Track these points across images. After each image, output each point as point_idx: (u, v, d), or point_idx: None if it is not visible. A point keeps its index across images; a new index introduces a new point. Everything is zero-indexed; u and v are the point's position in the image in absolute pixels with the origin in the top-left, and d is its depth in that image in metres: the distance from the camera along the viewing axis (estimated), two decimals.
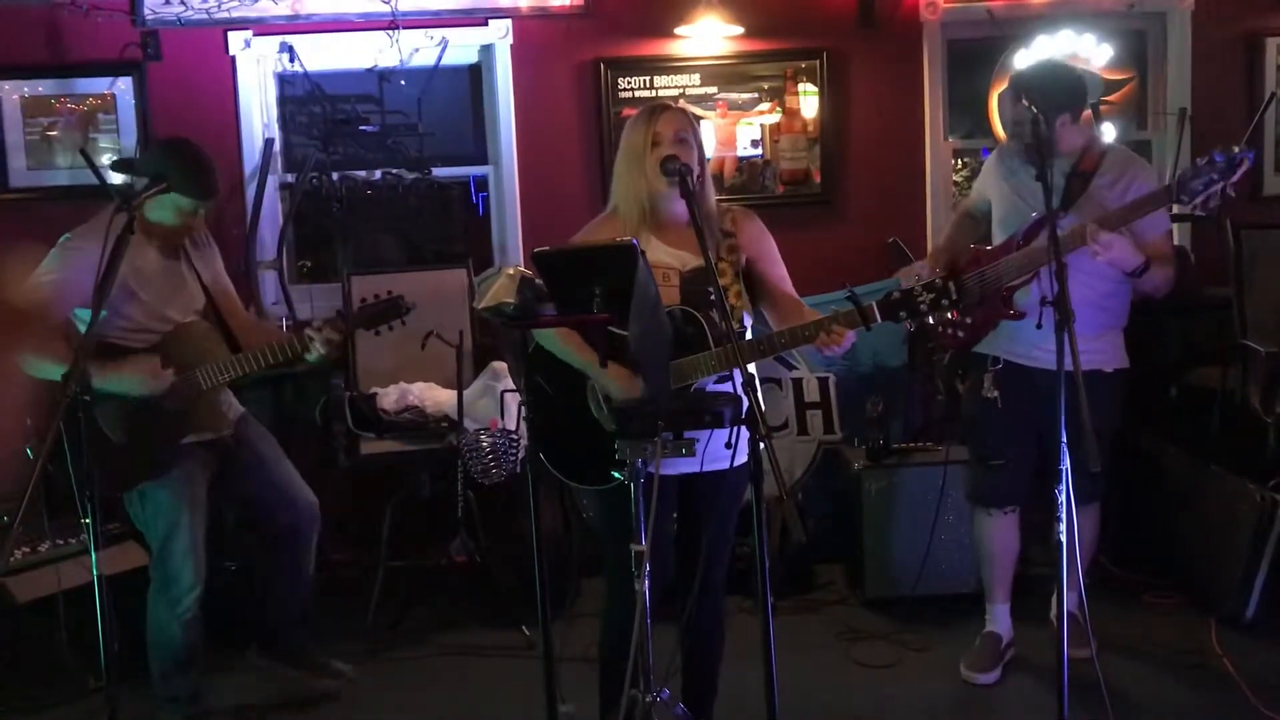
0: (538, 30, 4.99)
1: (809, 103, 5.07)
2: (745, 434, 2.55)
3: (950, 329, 3.71)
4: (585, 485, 2.95)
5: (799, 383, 4.62)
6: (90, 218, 3.28)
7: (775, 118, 5.08)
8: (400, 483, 4.50)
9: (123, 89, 4.90)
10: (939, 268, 3.60)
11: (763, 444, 2.46)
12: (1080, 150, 3.58)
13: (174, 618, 3.38)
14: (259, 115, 4.97)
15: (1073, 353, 2.78)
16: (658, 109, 2.92)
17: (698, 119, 3.47)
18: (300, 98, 4.95)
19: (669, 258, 2.90)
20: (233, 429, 3.54)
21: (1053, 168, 3.09)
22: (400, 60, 4.87)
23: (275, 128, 5.03)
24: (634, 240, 2.40)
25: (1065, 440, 2.85)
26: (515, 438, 4.19)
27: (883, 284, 4.09)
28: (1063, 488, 2.86)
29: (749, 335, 2.92)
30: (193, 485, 3.40)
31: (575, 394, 2.91)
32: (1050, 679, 3.19)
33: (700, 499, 2.93)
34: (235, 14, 4.84)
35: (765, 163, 5.11)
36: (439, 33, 4.92)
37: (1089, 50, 5.02)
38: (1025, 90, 3.41)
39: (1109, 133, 5.00)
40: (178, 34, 4.83)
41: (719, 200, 3.09)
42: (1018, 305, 3.56)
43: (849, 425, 4.62)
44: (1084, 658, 3.19)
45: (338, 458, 4.46)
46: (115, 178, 3.91)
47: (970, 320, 3.67)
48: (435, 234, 5.17)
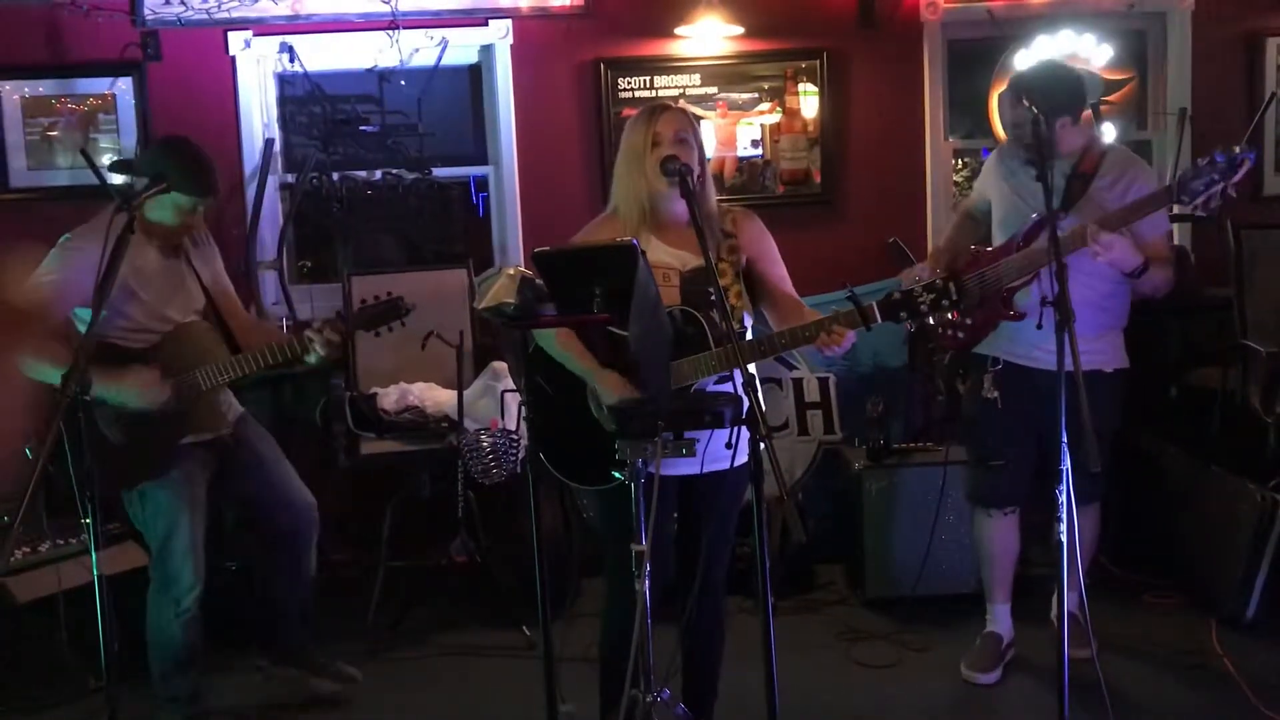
0: (538, 30, 4.99)
1: (809, 103, 5.07)
2: (745, 434, 2.55)
3: (950, 330, 3.71)
4: (585, 485, 2.95)
5: (799, 383, 4.62)
6: (90, 218, 3.27)
7: (775, 118, 5.08)
8: (400, 483, 4.50)
9: (123, 89, 4.90)
10: (939, 268, 3.60)
11: (763, 444, 2.46)
12: (1080, 151, 3.58)
13: (174, 618, 3.38)
14: (259, 115, 4.97)
15: (1073, 353, 2.78)
16: (658, 109, 2.92)
17: (698, 119, 3.47)
18: (300, 98, 4.95)
19: (669, 258, 2.90)
20: (232, 429, 3.54)
21: (1053, 169, 3.09)
22: (400, 60, 4.87)
23: (275, 128, 5.03)
24: (634, 240, 2.40)
25: (1065, 440, 2.86)
26: (515, 438, 4.19)
27: (883, 284, 4.09)
28: (1063, 488, 2.86)
29: (749, 335, 2.92)
30: (192, 485, 3.40)
31: (575, 394, 2.91)
32: (1050, 679, 3.19)
33: (700, 499, 2.93)
34: (235, 14, 4.83)
35: (765, 163, 5.11)
36: (439, 33, 4.92)
37: (1089, 50, 5.02)
38: (1026, 91, 3.41)
39: (1109, 133, 4.99)
40: (178, 34, 4.83)
41: (719, 200, 3.09)
42: (1018, 306, 3.56)
43: (849, 425, 4.62)
44: (1084, 658, 3.18)
45: (338, 458, 4.46)
46: (115, 178, 3.91)
47: (970, 321, 3.67)
48: (435, 234, 5.17)
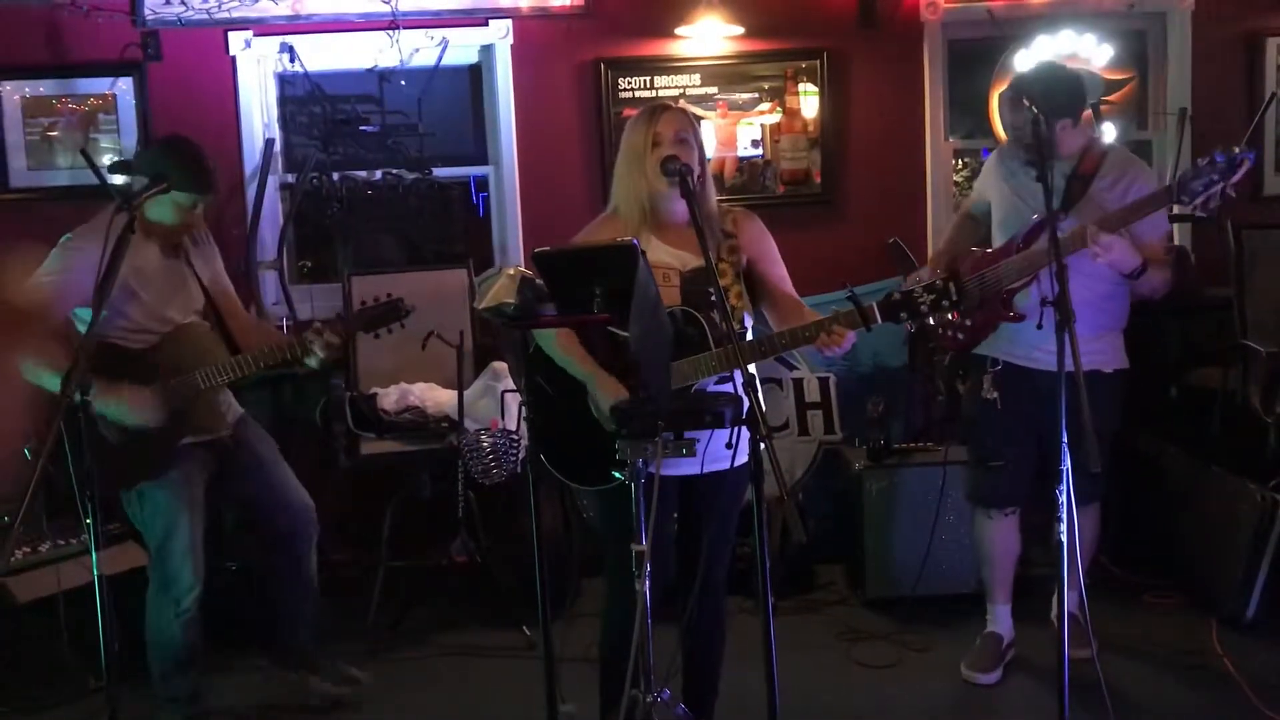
0: (538, 30, 4.99)
1: (809, 103, 5.06)
2: (746, 434, 2.55)
3: (950, 331, 3.71)
4: (586, 486, 2.94)
5: (800, 383, 4.62)
6: (91, 218, 3.27)
7: (776, 118, 5.08)
8: (401, 483, 4.50)
9: (123, 89, 4.89)
10: (940, 269, 3.60)
11: (763, 444, 2.46)
12: (1080, 152, 3.58)
13: (173, 618, 3.38)
14: (259, 115, 4.97)
15: (1074, 353, 2.78)
16: (658, 109, 2.92)
17: (698, 119, 3.45)
18: (300, 98, 4.95)
19: (669, 258, 2.89)
20: (231, 430, 3.54)
21: (1053, 169, 3.09)
22: (400, 60, 4.87)
23: (276, 128, 5.03)
24: (634, 240, 2.39)
25: (1066, 440, 2.85)
26: (516, 438, 4.19)
27: (883, 284, 4.09)
28: (1063, 488, 2.86)
29: (749, 336, 2.92)
30: (191, 486, 3.40)
31: (576, 394, 2.90)
32: (1051, 679, 3.18)
33: (701, 499, 2.93)
34: (235, 14, 4.83)
35: (766, 163, 5.11)
36: (439, 33, 4.92)
37: (1089, 50, 5.02)
38: (1026, 93, 3.40)
39: (1109, 133, 4.99)
40: (178, 34, 4.82)
41: (719, 200, 3.09)
42: (1018, 307, 3.56)
43: (849, 425, 4.62)
44: (1085, 658, 3.18)
45: (338, 458, 4.46)
46: (116, 178, 3.91)
47: (970, 322, 3.67)
48: (436, 234, 5.17)
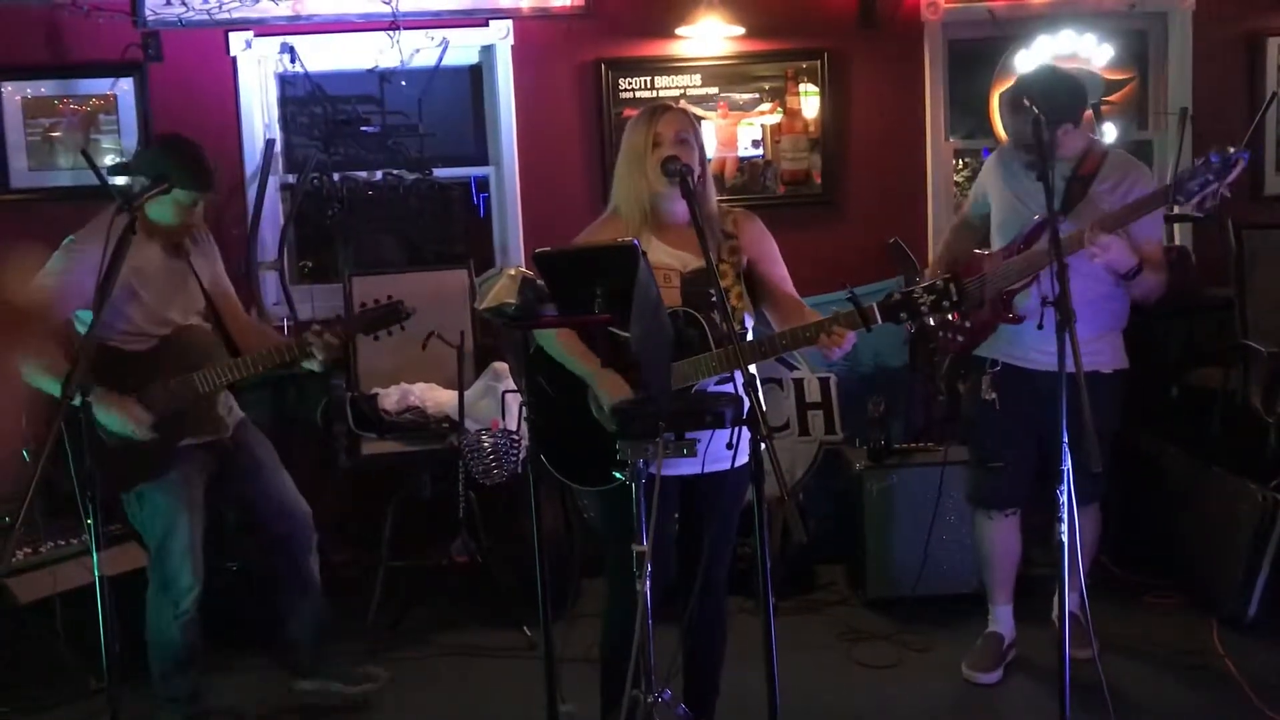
0: (538, 31, 4.99)
1: (810, 103, 5.07)
2: (746, 434, 2.55)
3: (950, 333, 3.71)
4: (586, 486, 2.94)
5: (800, 383, 4.62)
6: (91, 218, 3.27)
7: (776, 118, 5.08)
8: (401, 483, 4.50)
9: (124, 90, 4.89)
10: (941, 270, 3.60)
11: (764, 444, 2.46)
12: (1080, 154, 3.57)
13: (173, 618, 3.38)
14: (260, 116, 4.97)
15: (1074, 353, 2.78)
16: (659, 109, 2.92)
17: (699, 119, 3.45)
18: (301, 98, 4.95)
19: (670, 259, 2.90)
20: (231, 432, 3.53)
21: (1053, 170, 3.09)
22: (401, 61, 4.87)
23: (276, 128, 5.03)
24: (635, 241, 2.40)
25: (1066, 440, 2.85)
26: (516, 438, 4.19)
27: (883, 284, 4.09)
28: (1064, 488, 2.86)
29: (750, 336, 2.92)
30: (190, 487, 3.40)
31: (576, 395, 2.91)
32: (1052, 679, 3.18)
33: (702, 499, 2.93)
34: (236, 15, 4.84)
35: (766, 163, 5.11)
36: (440, 33, 4.92)
37: (1090, 50, 5.02)
38: (1027, 95, 3.39)
39: (1110, 133, 4.99)
40: (179, 35, 4.82)
41: (720, 201, 3.09)
42: (1017, 309, 3.56)
43: (850, 426, 4.62)
44: (1085, 658, 3.18)
45: (339, 458, 4.46)
46: (116, 179, 3.91)
47: (969, 324, 3.67)
48: (436, 235, 5.17)
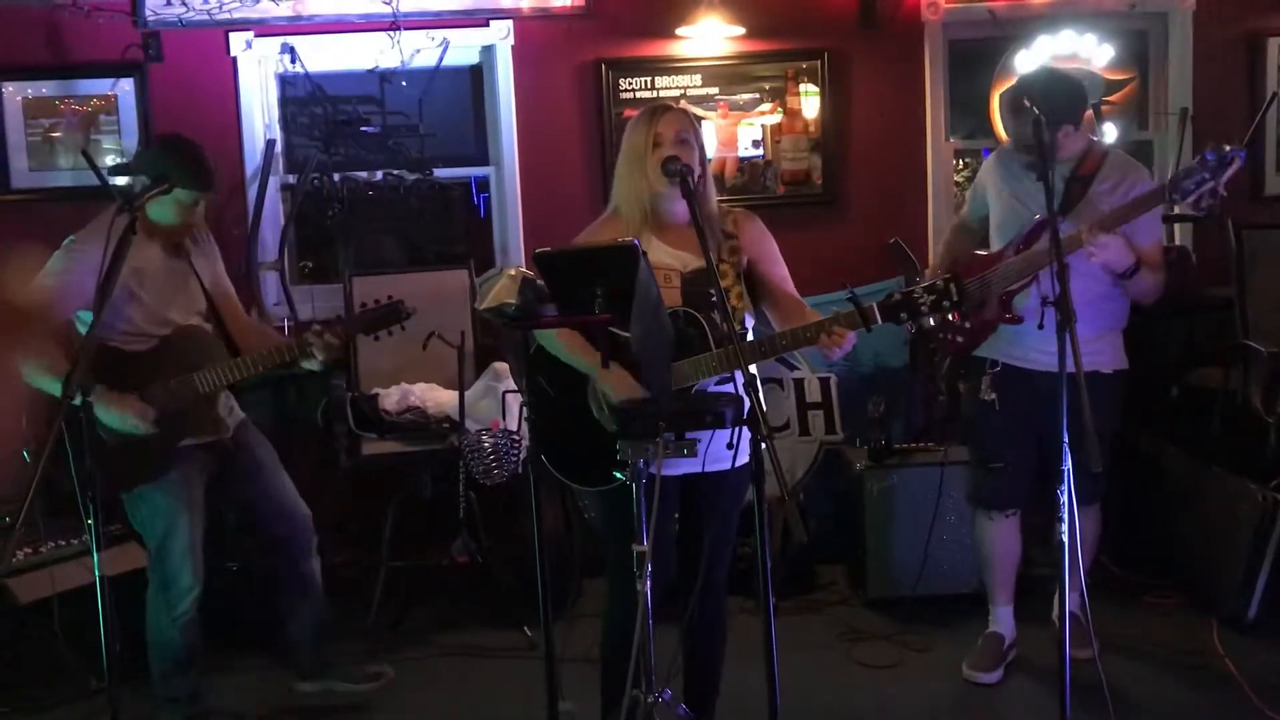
0: (539, 31, 4.99)
1: (810, 103, 5.07)
2: (747, 434, 2.55)
3: (949, 334, 3.71)
4: (587, 486, 2.94)
5: (801, 383, 4.63)
6: (92, 219, 3.27)
7: (776, 118, 5.08)
8: (402, 483, 4.50)
9: (124, 90, 4.89)
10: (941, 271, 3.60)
11: (764, 444, 2.46)
12: (1080, 155, 3.57)
13: (173, 619, 3.38)
14: (260, 116, 4.97)
15: (1074, 353, 2.78)
16: (659, 110, 2.92)
17: (699, 120, 3.46)
18: (301, 99, 4.95)
19: (670, 259, 2.90)
20: (232, 432, 3.53)
21: (1054, 171, 3.09)
22: (401, 61, 4.87)
23: (277, 129, 5.03)
24: (635, 241, 2.40)
25: (1067, 440, 2.85)
26: (517, 438, 4.19)
27: (884, 284, 4.09)
28: (1064, 488, 2.86)
29: (750, 336, 2.92)
30: (190, 487, 3.39)
31: (577, 395, 2.91)
32: (1052, 679, 3.18)
33: (702, 499, 2.93)
34: (237, 15, 4.84)
35: (766, 163, 5.11)
36: (440, 33, 4.92)
37: (1090, 50, 5.01)
38: (1027, 96, 3.38)
39: (1110, 133, 4.99)
40: (179, 35, 4.83)
41: (720, 201, 3.09)
42: (1016, 309, 3.56)
43: (850, 425, 4.62)
44: (1086, 658, 3.18)
45: (339, 458, 4.46)
46: (117, 180, 3.91)
47: (969, 325, 3.67)
48: (436, 235, 5.17)
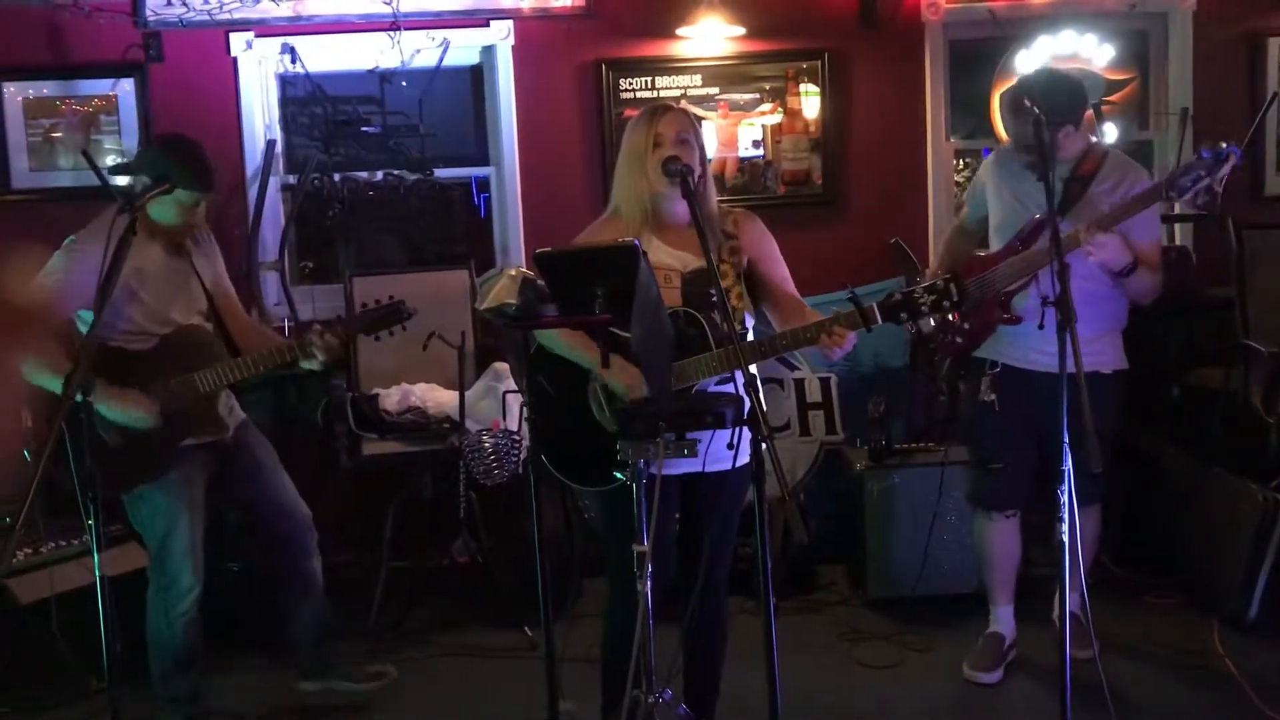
0: (539, 31, 4.99)
1: (810, 103, 5.07)
2: (747, 434, 2.55)
3: (948, 335, 3.71)
4: (587, 486, 2.94)
5: (801, 383, 4.63)
6: (92, 219, 3.27)
7: (777, 118, 5.08)
8: (402, 483, 4.50)
9: (125, 90, 4.89)
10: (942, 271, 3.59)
11: (765, 444, 2.46)
12: (1080, 155, 3.57)
13: (173, 619, 3.38)
14: (261, 116, 4.97)
15: (1074, 353, 2.78)
16: (659, 110, 2.92)
17: (699, 120, 3.46)
18: (302, 99, 4.95)
19: (670, 259, 2.90)
20: (232, 432, 3.53)
21: (1054, 171, 3.09)
22: (402, 61, 4.87)
23: (277, 129, 5.03)
24: (636, 241, 2.40)
25: (1067, 440, 2.85)
26: (517, 438, 4.19)
27: (884, 285, 4.08)
28: (1065, 488, 2.86)
29: (750, 336, 2.92)
30: (190, 487, 3.39)
31: (577, 395, 2.91)
32: (1052, 679, 3.18)
33: (702, 499, 2.93)
34: (237, 15, 4.84)
35: (767, 163, 5.11)
36: (440, 34, 4.92)
37: (1090, 50, 5.01)
38: (1028, 97, 3.38)
39: (1110, 133, 4.99)
40: (179, 35, 4.82)
41: (720, 201, 3.09)
42: (1015, 310, 3.56)
43: (851, 426, 4.62)
44: (1086, 658, 3.18)
45: (339, 459, 4.46)
46: (118, 179, 3.91)
47: (968, 326, 3.67)
48: (437, 235, 5.17)
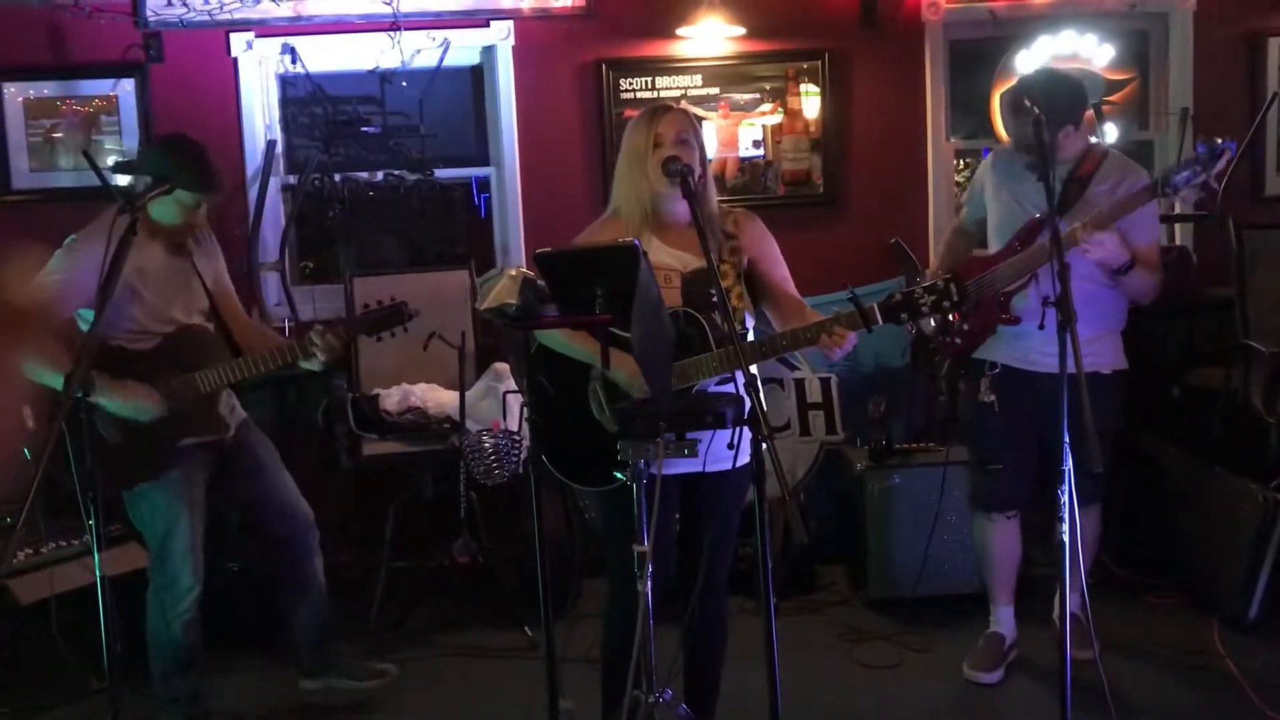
0: (539, 31, 4.99)
1: (811, 103, 5.07)
2: (747, 434, 2.55)
3: (949, 336, 3.71)
4: (587, 486, 2.95)
5: (801, 383, 4.63)
6: (93, 219, 3.28)
7: (777, 118, 5.08)
8: (403, 484, 4.50)
9: (125, 90, 4.89)
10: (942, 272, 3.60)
11: (765, 444, 2.46)
12: (1079, 155, 3.57)
13: (173, 618, 3.38)
14: (261, 117, 4.97)
15: (1075, 353, 2.78)
16: (659, 110, 2.92)
17: (699, 120, 3.46)
18: (302, 99, 4.95)
19: (670, 259, 2.90)
20: (233, 431, 3.53)
21: (1054, 171, 3.09)
22: (402, 61, 4.87)
23: (277, 129, 5.03)
24: (636, 241, 2.40)
25: (1068, 440, 2.85)
26: (517, 439, 4.19)
27: (884, 285, 4.09)
28: (1065, 488, 2.86)
29: (751, 336, 2.92)
30: (191, 486, 3.40)
31: (577, 395, 2.91)
32: (1053, 680, 3.17)
33: (703, 499, 2.93)
34: (237, 15, 4.84)
35: (767, 163, 5.11)
36: (440, 34, 4.92)
37: (1091, 50, 5.01)
38: (1028, 96, 3.38)
39: (1111, 133, 4.99)
40: (180, 35, 4.82)
41: (720, 201, 3.09)
42: (1014, 310, 3.56)
43: (851, 426, 4.62)
44: (1087, 658, 3.18)
45: (340, 459, 4.46)
46: (119, 179, 3.91)
47: (967, 327, 3.67)
48: (437, 235, 5.17)
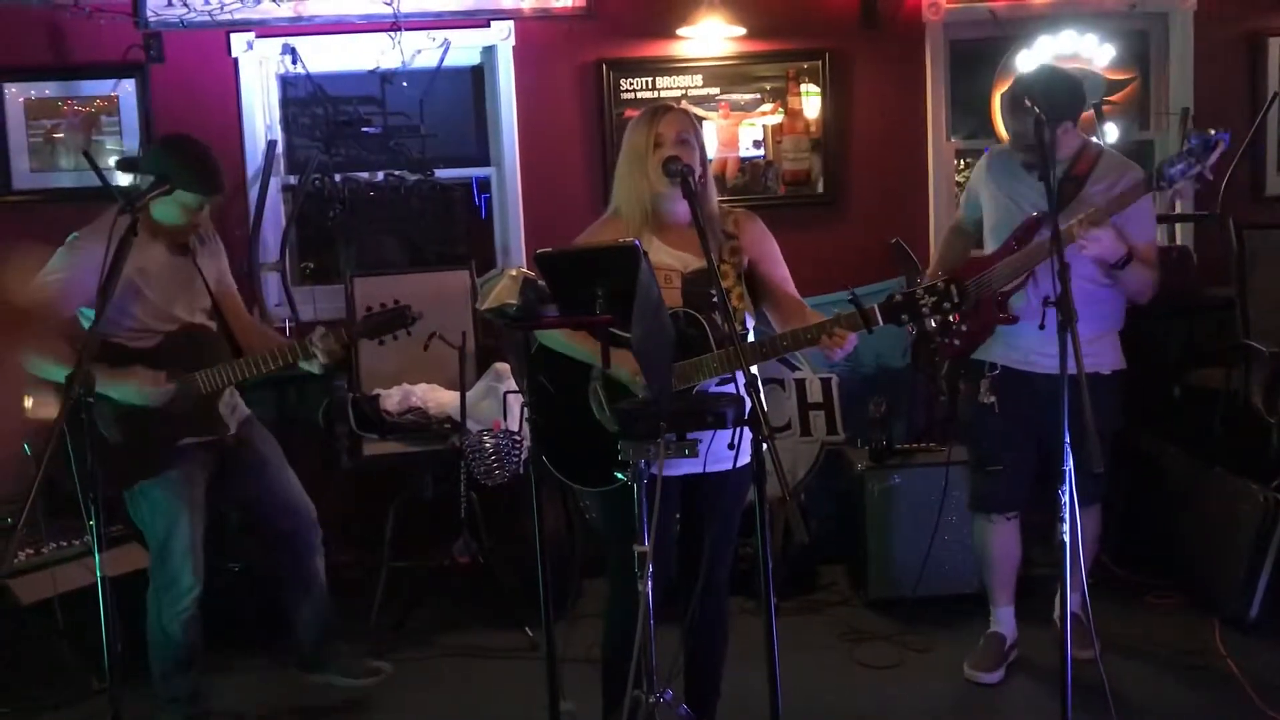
0: (540, 31, 4.99)
1: (811, 103, 5.07)
2: (748, 435, 2.55)
3: (948, 337, 3.71)
4: (588, 487, 2.95)
5: (802, 383, 4.63)
6: (93, 219, 3.28)
7: (777, 118, 5.08)
8: (403, 484, 4.50)
9: (126, 91, 4.89)
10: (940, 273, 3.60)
11: (765, 445, 2.46)
12: (1074, 154, 3.57)
13: (173, 618, 3.38)
14: (261, 117, 4.98)
15: (1075, 353, 2.78)
16: (660, 110, 2.92)
17: (700, 120, 3.46)
18: (303, 99, 4.95)
19: (671, 259, 2.90)
20: (234, 430, 3.53)
21: (1053, 170, 3.09)
22: (402, 62, 4.87)
23: (278, 129, 5.03)
24: (636, 241, 2.40)
25: (1068, 440, 2.85)
26: (518, 439, 4.19)
27: (885, 285, 4.09)
28: (1066, 488, 2.86)
29: (751, 337, 2.92)
30: (191, 485, 3.40)
31: (578, 395, 2.91)
32: (1053, 680, 3.18)
33: (703, 499, 2.93)
34: (238, 16, 4.84)
35: (767, 163, 5.11)
36: (441, 34, 4.92)
37: (1091, 50, 5.01)
38: (1028, 95, 3.39)
39: (1111, 133, 4.99)
40: (180, 36, 4.83)
41: (721, 201, 3.09)
42: (1011, 310, 3.56)
43: (852, 426, 4.62)
44: (1087, 658, 3.18)
45: (341, 459, 4.46)
46: (120, 179, 3.91)
47: (966, 327, 3.67)
48: (438, 235, 5.17)
